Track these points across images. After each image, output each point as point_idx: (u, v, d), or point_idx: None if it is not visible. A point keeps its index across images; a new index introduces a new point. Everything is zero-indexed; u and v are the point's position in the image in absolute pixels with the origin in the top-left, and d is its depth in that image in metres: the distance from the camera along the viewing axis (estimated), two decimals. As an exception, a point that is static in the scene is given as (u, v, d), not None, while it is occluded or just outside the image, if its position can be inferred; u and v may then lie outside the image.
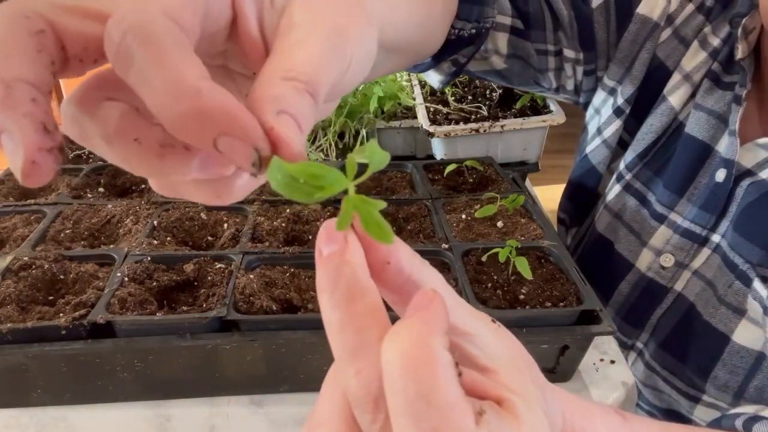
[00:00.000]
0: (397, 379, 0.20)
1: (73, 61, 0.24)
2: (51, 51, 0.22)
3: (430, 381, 0.20)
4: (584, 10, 0.73)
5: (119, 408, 0.59)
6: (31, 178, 0.22)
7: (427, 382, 0.20)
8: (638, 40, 0.73)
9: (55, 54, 0.23)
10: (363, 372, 0.22)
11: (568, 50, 0.76)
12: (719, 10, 0.70)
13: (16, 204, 0.77)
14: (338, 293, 0.23)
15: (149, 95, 0.21)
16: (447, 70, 0.74)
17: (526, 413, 0.23)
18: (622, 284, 0.75)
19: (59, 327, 0.54)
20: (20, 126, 0.21)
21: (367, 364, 0.22)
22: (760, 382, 0.62)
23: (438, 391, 0.20)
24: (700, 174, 0.69)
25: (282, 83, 0.24)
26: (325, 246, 0.23)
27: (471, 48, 0.71)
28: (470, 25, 0.67)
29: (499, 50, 0.75)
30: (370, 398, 0.21)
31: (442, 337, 0.21)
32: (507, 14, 0.72)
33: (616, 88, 0.77)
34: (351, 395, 0.22)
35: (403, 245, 0.25)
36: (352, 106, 1.04)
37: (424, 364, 0.20)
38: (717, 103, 0.68)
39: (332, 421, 0.23)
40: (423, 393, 0.20)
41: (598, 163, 0.82)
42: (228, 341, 0.56)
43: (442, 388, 0.20)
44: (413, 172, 0.89)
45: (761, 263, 0.61)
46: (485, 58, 0.76)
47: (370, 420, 0.22)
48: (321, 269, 0.23)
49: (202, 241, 0.73)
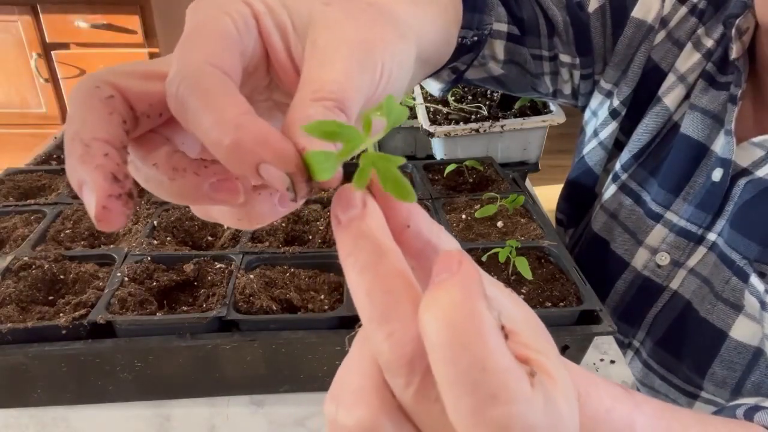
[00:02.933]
0: (446, 349, 0.20)
1: (142, 118, 0.27)
2: (121, 111, 0.26)
3: (482, 348, 0.20)
4: (580, 16, 0.74)
5: (119, 408, 0.59)
6: (103, 222, 0.24)
7: (479, 350, 0.20)
8: (633, 43, 0.74)
9: (125, 113, 0.26)
10: (395, 335, 0.21)
11: (564, 55, 0.76)
12: (712, 12, 0.71)
13: (16, 204, 0.77)
14: (364, 256, 0.22)
15: (202, 135, 0.24)
16: (447, 78, 0.74)
17: (556, 371, 0.22)
18: (619, 283, 0.76)
19: (59, 327, 0.54)
20: (93, 177, 0.24)
21: (399, 326, 0.21)
22: (757, 377, 0.63)
23: (492, 358, 0.20)
24: (696, 173, 0.69)
25: (312, 104, 0.25)
26: (343, 212, 0.23)
27: (470, 55, 0.72)
28: (472, 33, 0.68)
29: (496, 56, 0.76)
30: (404, 361, 0.21)
31: (484, 299, 0.21)
32: (503, 21, 0.73)
33: (613, 91, 0.78)
34: (383, 359, 0.22)
35: (421, 209, 0.25)
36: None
37: (473, 332, 0.20)
38: (712, 103, 0.68)
39: (363, 388, 0.22)
40: (476, 361, 0.19)
41: (595, 164, 0.82)
42: (228, 341, 0.56)
43: (495, 354, 0.20)
44: (413, 172, 0.89)
45: (759, 259, 0.61)
46: (483, 64, 0.76)
47: (404, 383, 0.21)
48: (343, 235, 0.23)
49: (202, 241, 0.73)
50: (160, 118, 0.27)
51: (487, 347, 0.20)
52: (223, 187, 0.26)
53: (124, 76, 0.26)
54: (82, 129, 0.25)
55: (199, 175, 0.25)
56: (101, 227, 0.24)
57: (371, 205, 0.24)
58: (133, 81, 0.26)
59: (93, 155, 0.24)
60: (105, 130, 0.25)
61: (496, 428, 0.19)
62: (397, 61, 0.30)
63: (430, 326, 0.20)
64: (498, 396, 0.19)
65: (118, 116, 0.25)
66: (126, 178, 0.24)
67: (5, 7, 2.10)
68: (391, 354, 0.21)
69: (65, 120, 0.29)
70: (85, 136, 0.25)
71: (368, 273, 0.22)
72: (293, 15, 0.29)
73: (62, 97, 2.29)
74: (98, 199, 0.24)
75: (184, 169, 0.26)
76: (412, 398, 0.21)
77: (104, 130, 0.25)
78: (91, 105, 0.25)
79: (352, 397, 0.22)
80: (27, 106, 2.30)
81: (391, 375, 0.22)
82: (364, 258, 0.22)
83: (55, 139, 1.01)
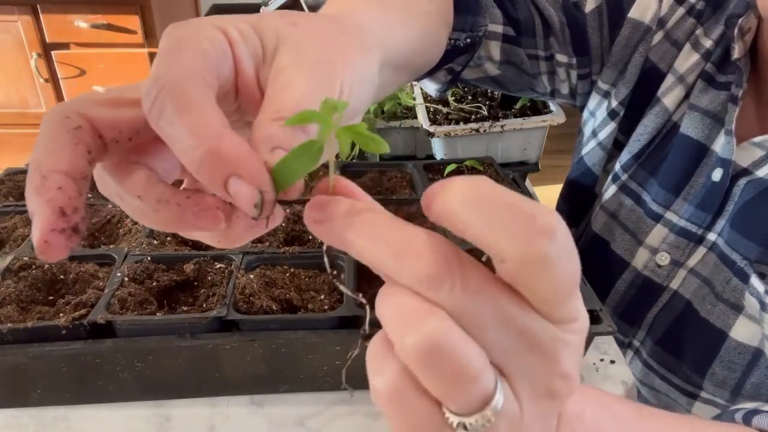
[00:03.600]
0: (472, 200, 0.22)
1: (111, 144, 0.28)
2: (87, 141, 0.27)
3: (501, 190, 0.22)
4: (577, 16, 0.74)
5: (119, 408, 0.59)
6: (44, 255, 0.25)
7: (500, 191, 0.22)
8: (630, 43, 0.74)
9: (92, 143, 0.27)
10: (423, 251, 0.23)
11: (561, 55, 0.76)
12: (710, 13, 0.71)
13: (16, 204, 0.77)
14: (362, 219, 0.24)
15: (177, 140, 0.25)
16: (443, 78, 0.75)
17: None
18: (619, 283, 0.76)
19: (59, 327, 0.54)
20: (41, 210, 0.25)
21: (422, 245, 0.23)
22: (757, 378, 0.63)
23: (510, 194, 0.22)
24: (696, 173, 0.69)
25: (273, 124, 0.26)
26: (320, 210, 0.25)
27: (465, 56, 0.73)
28: (465, 35, 0.69)
29: (492, 57, 0.76)
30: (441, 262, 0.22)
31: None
32: (498, 22, 0.74)
33: (610, 92, 0.78)
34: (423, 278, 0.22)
35: None
36: (352, 106, 1.04)
37: (487, 185, 0.22)
38: (711, 102, 0.69)
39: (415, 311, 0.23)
40: (503, 198, 0.22)
41: (594, 164, 0.82)
42: (228, 341, 0.56)
43: (509, 192, 0.22)
44: (413, 172, 0.89)
45: (759, 260, 0.61)
46: (479, 65, 0.77)
47: (449, 285, 0.22)
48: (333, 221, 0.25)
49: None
50: (130, 142, 0.28)
51: (504, 189, 0.22)
52: (205, 216, 0.27)
53: (94, 105, 0.27)
54: (44, 160, 0.26)
55: (181, 206, 0.27)
56: (42, 257, 0.25)
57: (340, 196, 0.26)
58: (102, 109, 0.27)
59: (47, 188, 0.25)
60: (66, 161, 0.26)
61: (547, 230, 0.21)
62: (357, 78, 0.31)
63: (454, 201, 0.22)
64: (535, 214, 0.21)
65: (83, 147, 0.26)
66: (75, 212, 0.25)
67: (5, 7, 2.10)
68: (427, 265, 0.22)
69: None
70: (45, 168, 0.26)
71: (374, 226, 0.24)
72: (264, 39, 0.30)
73: (62, 97, 2.29)
74: (41, 231, 0.25)
75: (167, 201, 0.27)
76: (462, 295, 0.22)
77: (65, 162, 0.26)
78: (57, 135, 0.26)
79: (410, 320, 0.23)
80: (27, 106, 2.30)
81: (436, 287, 0.22)
82: (362, 220, 0.24)
83: (55, 139, 1.01)
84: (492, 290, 0.23)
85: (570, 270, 0.22)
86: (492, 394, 0.23)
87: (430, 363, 0.22)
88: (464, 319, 0.22)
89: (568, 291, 0.23)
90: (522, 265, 0.22)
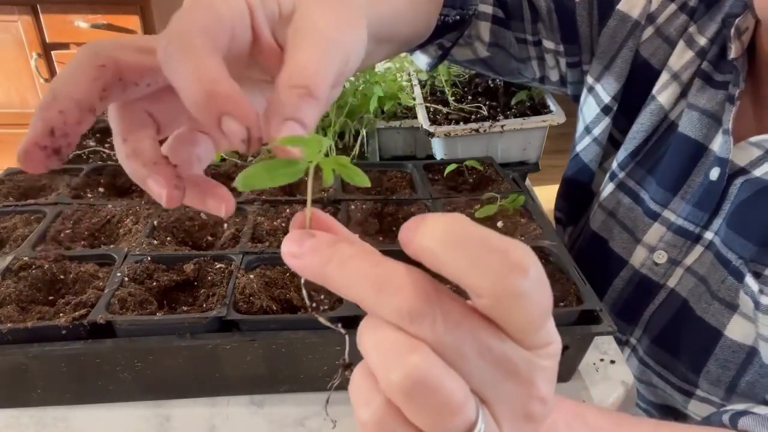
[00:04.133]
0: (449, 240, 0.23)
1: (130, 86, 0.31)
2: (106, 80, 0.29)
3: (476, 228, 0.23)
4: (565, 3, 0.75)
5: (119, 408, 0.59)
6: (22, 165, 0.28)
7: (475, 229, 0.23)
8: (617, 37, 0.74)
9: (110, 83, 0.30)
10: (403, 285, 0.23)
11: (548, 41, 0.77)
12: (703, 11, 0.71)
13: (16, 204, 0.77)
14: (340, 252, 0.25)
15: (180, 83, 0.27)
16: (433, 53, 0.77)
17: None
18: (616, 281, 0.76)
19: (59, 327, 0.54)
20: (34, 124, 0.27)
21: (402, 279, 0.23)
22: (751, 377, 0.63)
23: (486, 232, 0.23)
24: (694, 172, 0.70)
25: (287, 91, 0.28)
26: (299, 245, 0.26)
27: (455, 33, 0.75)
28: (454, 12, 0.71)
29: (482, 38, 0.78)
30: (422, 299, 0.23)
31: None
32: (489, 3, 0.76)
33: (594, 86, 0.78)
34: (403, 313, 0.23)
35: None
36: (352, 106, 1.04)
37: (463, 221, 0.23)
38: (709, 102, 0.69)
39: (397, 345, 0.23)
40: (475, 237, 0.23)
41: (590, 161, 0.83)
42: (228, 341, 0.56)
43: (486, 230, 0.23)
44: (413, 172, 0.89)
45: (754, 259, 0.61)
46: (469, 44, 0.79)
47: (430, 321, 0.23)
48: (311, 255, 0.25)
49: (202, 241, 0.73)
50: (148, 88, 0.31)
51: (477, 226, 0.23)
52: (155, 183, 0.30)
53: (123, 48, 0.30)
54: (61, 84, 0.29)
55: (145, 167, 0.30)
56: (20, 165, 0.28)
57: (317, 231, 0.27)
58: (129, 53, 0.30)
59: (51, 107, 0.28)
60: (80, 91, 0.28)
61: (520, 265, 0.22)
62: (355, 43, 0.33)
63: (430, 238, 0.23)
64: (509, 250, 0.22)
65: (100, 83, 0.29)
66: (63, 137, 0.28)
67: (5, 7, 2.10)
68: (408, 300, 0.23)
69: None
70: (60, 90, 0.28)
71: (353, 261, 0.24)
72: (281, 4, 0.33)
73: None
74: (25, 143, 0.27)
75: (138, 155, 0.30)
76: (442, 329, 0.23)
77: (79, 91, 0.28)
78: (81, 67, 0.29)
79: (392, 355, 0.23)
80: (27, 106, 2.30)
81: (417, 322, 0.23)
82: (343, 253, 0.25)
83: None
84: (470, 322, 0.24)
85: (542, 301, 0.23)
86: (474, 422, 0.24)
87: (414, 397, 0.23)
88: (446, 352, 0.23)
89: (541, 320, 0.24)
90: (497, 300, 0.23)
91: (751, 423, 0.45)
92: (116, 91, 0.30)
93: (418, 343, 0.23)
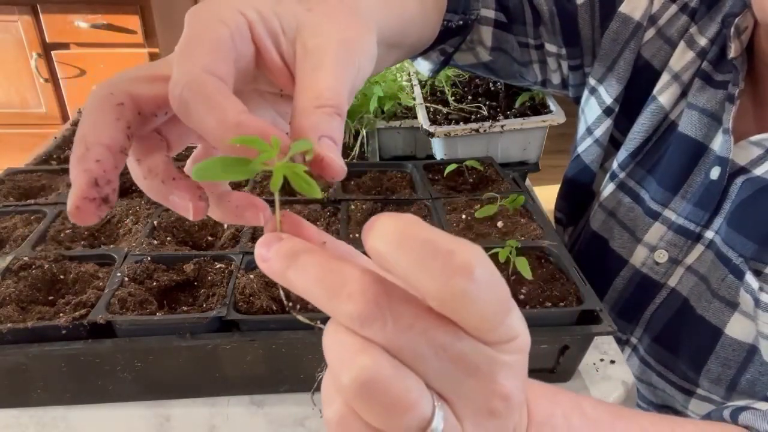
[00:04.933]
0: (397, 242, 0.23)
1: (150, 117, 0.31)
2: (128, 117, 0.29)
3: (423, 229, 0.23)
4: (567, 7, 0.75)
5: (119, 408, 0.59)
6: (74, 218, 0.28)
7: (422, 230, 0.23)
8: (620, 39, 0.74)
9: (132, 119, 0.30)
10: (353, 292, 0.24)
11: (550, 45, 0.77)
12: (704, 11, 0.71)
13: (16, 204, 0.77)
14: (301, 259, 0.25)
15: (206, 132, 0.28)
16: (436, 59, 0.77)
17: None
18: (617, 280, 0.76)
19: (59, 327, 0.54)
20: (78, 178, 0.28)
21: (353, 285, 0.24)
22: (751, 375, 0.63)
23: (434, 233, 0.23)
24: (695, 172, 0.70)
25: (316, 111, 0.29)
26: (267, 248, 0.27)
27: (457, 38, 0.75)
28: (457, 17, 0.71)
29: (484, 42, 0.78)
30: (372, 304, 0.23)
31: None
32: (491, 8, 0.76)
33: (597, 88, 0.78)
34: (355, 318, 0.24)
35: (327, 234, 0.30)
36: (352, 106, 1.04)
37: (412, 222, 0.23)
38: (709, 101, 0.69)
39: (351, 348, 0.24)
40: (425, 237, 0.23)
41: (591, 162, 0.83)
42: (228, 341, 0.56)
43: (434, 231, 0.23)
44: (413, 172, 0.89)
45: (755, 257, 0.62)
46: (471, 49, 0.79)
47: (381, 324, 0.23)
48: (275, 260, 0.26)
49: (202, 241, 0.73)
50: (166, 116, 0.32)
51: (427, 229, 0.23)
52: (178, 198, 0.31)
53: (135, 82, 0.30)
54: (89, 132, 0.28)
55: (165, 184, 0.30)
56: (72, 220, 0.28)
57: (285, 234, 0.28)
58: (143, 86, 0.30)
59: (87, 159, 0.28)
60: (109, 135, 0.28)
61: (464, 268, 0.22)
62: (366, 54, 0.34)
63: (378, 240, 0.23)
64: (454, 250, 0.22)
65: (123, 122, 0.29)
66: (107, 184, 0.28)
67: (5, 7, 2.10)
68: (357, 306, 0.23)
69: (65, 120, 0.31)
70: (90, 139, 0.28)
71: (310, 267, 0.25)
72: (283, 21, 0.33)
73: (62, 97, 2.29)
74: (75, 198, 0.28)
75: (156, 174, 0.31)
76: (393, 331, 0.24)
77: (107, 136, 0.28)
78: (101, 110, 0.29)
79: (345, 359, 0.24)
80: (27, 106, 2.30)
81: (367, 325, 0.24)
82: (302, 261, 0.25)
83: (55, 139, 1.01)
84: (424, 323, 0.24)
85: (494, 298, 0.23)
86: (429, 420, 0.24)
87: (364, 398, 0.23)
88: (401, 353, 0.24)
89: (497, 317, 0.24)
90: (444, 303, 0.23)
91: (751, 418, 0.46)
92: (138, 125, 0.30)
93: (367, 346, 0.24)
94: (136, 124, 0.30)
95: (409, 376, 0.24)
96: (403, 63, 1.16)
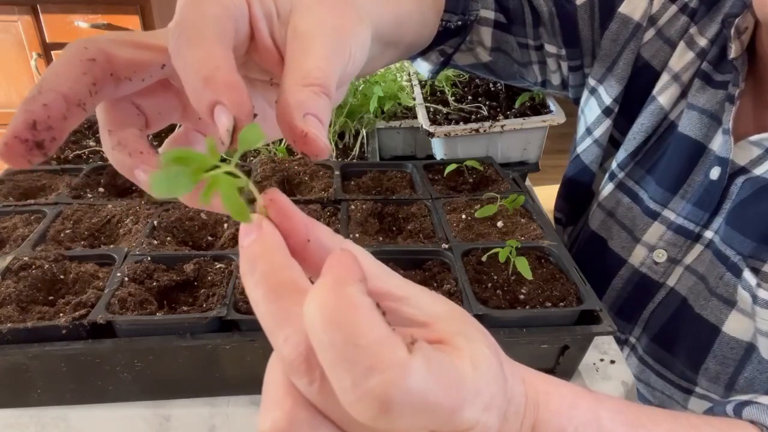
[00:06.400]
0: (322, 333, 0.21)
1: (123, 80, 0.30)
2: (96, 74, 0.29)
3: (352, 324, 0.21)
4: (567, 8, 0.75)
5: (119, 408, 0.59)
6: (3, 158, 0.27)
7: (350, 326, 0.21)
8: (619, 39, 0.74)
9: (100, 77, 0.29)
10: (290, 338, 0.23)
11: (550, 45, 0.77)
12: (704, 12, 0.71)
13: (16, 204, 0.77)
14: (257, 273, 0.24)
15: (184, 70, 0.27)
16: (435, 60, 0.77)
17: (467, 344, 0.24)
18: (616, 280, 0.76)
19: (59, 327, 0.54)
20: (16, 117, 0.27)
21: (292, 330, 0.23)
22: (750, 373, 0.63)
23: (363, 332, 0.21)
24: (694, 172, 0.70)
25: (302, 89, 0.29)
26: (245, 238, 0.26)
27: (457, 39, 0.74)
28: (456, 17, 0.71)
29: (484, 43, 0.78)
30: (302, 359, 0.22)
31: (357, 284, 0.22)
32: (490, 8, 0.76)
33: (597, 88, 0.79)
34: (285, 363, 0.23)
35: (320, 224, 0.28)
36: (352, 106, 1.04)
37: (343, 311, 0.21)
38: (709, 101, 0.69)
39: (275, 393, 0.24)
40: (349, 337, 0.21)
41: (591, 162, 0.83)
42: (228, 341, 0.56)
43: (365, 327, 0.21)
44: (413, 172, 0.89)
45: (753, 255, 0.62)
46: (471, 49, 0.79)
47: (307, 381, 0.23)
48: (241, 257, 0.25)
49: (202, 241, 0.73)
50: (142, 83, 0.31)
51: (358, 322, 0.21)
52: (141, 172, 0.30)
53: (117, 44, 0.30)
54: (48, 78, 0.28)
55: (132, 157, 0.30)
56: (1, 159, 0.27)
57: (267, 227, 0.26)
58: (122, 48, 0.30)
59: (34, 101, 0.27)
60: (68, 85, 0.28)
61: (376, 398, 0.20)
62: (359, 45, 0.33)
63: (308, 315, 0.22)
64: (374, 367, 0.20)
65: (89, 77, 0.28)
66: (47, 130, 0.27)
67: (5, 7, 2.10)
68: (289, 355, 0.23)
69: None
70: (45, 85, 0.27)
71: (262, 287, 0.24)
72: (278, 3, 0.33)
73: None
74: (6, 135, 0.26)
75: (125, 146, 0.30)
76: (318, 394, 0.23)
77: (66, 86, 0.28)
78: (69, 62, 0.28)
79: (268, 402, 0.24)
80: (27, 106, 2.30)
81: (295, 376, 0.23)
82: (258, 274, 0.24)
83: (55, 139, 1.01)
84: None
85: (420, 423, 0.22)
86: None
87: None
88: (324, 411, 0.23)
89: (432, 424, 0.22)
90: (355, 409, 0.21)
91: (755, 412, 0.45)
92: (108, 86, 0.29)
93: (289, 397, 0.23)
94: (105, 83, 0.29)
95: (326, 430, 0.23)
96: (403, 63, 1.16)
